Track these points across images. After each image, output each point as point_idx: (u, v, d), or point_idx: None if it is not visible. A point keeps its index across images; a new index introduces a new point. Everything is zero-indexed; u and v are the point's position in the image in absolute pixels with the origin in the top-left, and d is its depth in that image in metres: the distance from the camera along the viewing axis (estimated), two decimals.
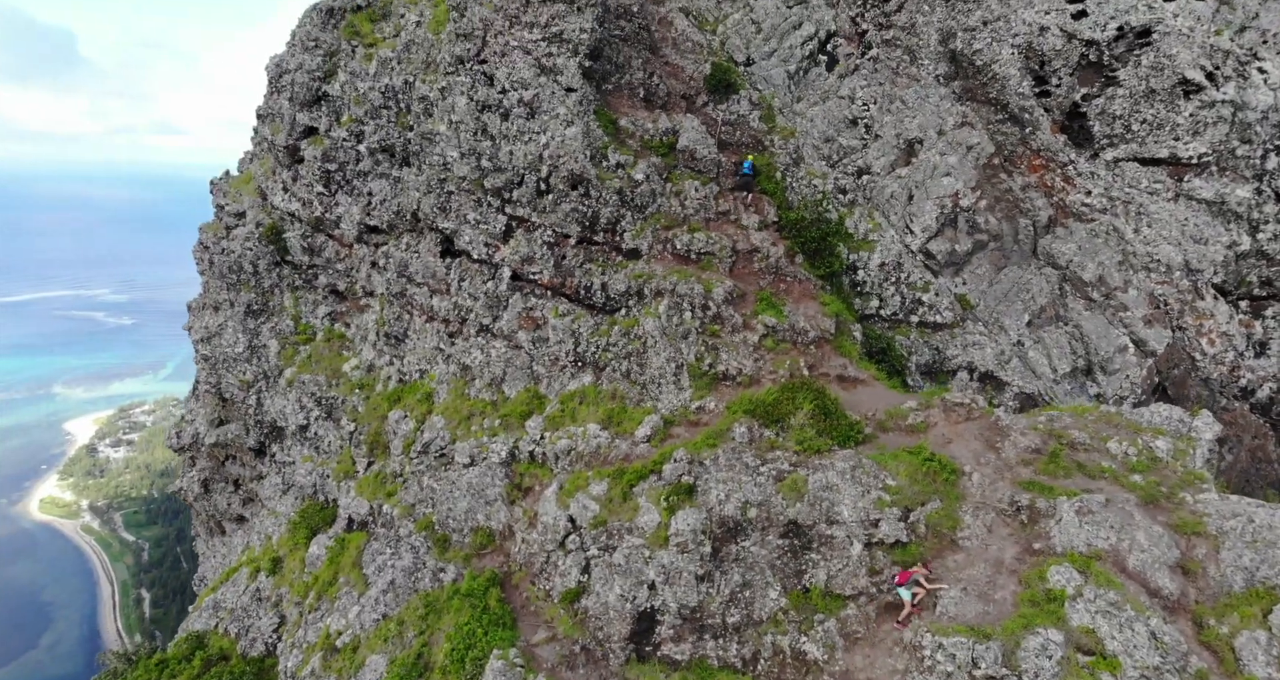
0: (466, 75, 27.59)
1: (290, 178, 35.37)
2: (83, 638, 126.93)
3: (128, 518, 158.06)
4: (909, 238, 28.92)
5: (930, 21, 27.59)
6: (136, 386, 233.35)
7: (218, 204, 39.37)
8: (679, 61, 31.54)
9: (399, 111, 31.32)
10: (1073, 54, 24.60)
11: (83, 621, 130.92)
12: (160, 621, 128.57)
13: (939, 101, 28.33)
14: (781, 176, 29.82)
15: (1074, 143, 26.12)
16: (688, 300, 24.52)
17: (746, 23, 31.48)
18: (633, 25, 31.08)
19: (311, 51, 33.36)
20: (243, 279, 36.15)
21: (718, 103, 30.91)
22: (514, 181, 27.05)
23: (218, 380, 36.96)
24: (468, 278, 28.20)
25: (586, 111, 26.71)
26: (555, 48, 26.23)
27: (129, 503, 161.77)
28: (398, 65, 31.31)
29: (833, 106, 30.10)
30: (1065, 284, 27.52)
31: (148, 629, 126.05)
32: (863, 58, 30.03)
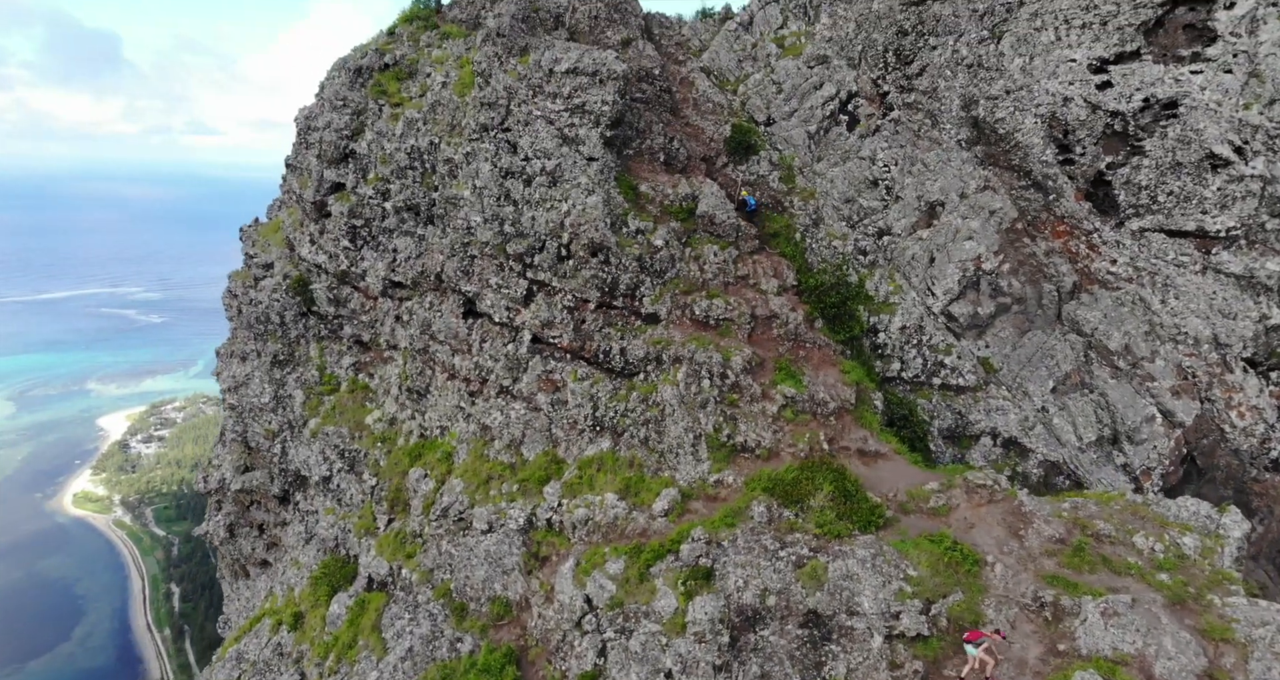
0: (490, 142, 28.02)
1: (317, 231, 36.02)
2: (113, 631, 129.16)
3: (158, 513, 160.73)
4: (930, 300, 28.75)
5: (952, 87, 27.58)
6: (168, 383, 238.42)
7: (246, 253, 40.17)
8: (700, 123, 31.78)
9: (424, 171, 31.85)
10: (1097, 124, 24.44)
11: (114, 615, 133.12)
12: (189, 616, 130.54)
13: (961, 165, 28.24)
14: (801, 238, 29.84)
15: (1099, 210, 25.87)
16: (706, 368, 24.53)
17: (767, 83, 31.68)
18: (654, 88, 31.41)
19: (339, 110, 34.08)
20: (270, 329, 36.77)
21: (737, 164, 31.07)
22: (535, 247, 27.33)
23: (244, 429, 37.52)
24: (489, 339, 28.46)
25: (607, 179, 26.97)
26: (578, 118, 26.57)
27: (159, 498, 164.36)
28: (423, 126, 31.88)
29: (853, 167, 30.11)
30: (1090, 351, 27.14)
31: (176, 623, 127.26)
32: (884, 119, 30.06)
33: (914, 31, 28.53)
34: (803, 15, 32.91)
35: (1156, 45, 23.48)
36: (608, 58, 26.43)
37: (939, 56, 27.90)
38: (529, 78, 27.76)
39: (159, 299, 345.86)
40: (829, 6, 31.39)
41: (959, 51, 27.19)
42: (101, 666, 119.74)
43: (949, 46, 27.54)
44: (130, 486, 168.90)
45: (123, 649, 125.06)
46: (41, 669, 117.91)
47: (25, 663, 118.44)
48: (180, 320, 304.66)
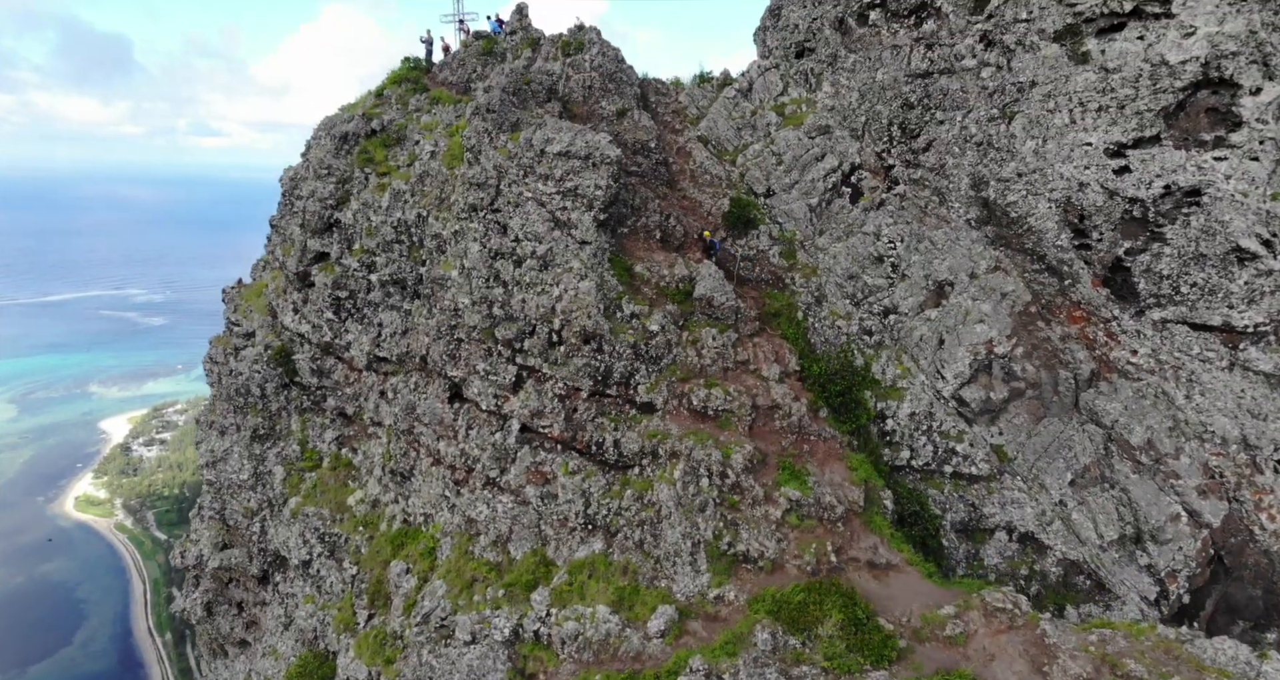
0: (479, 222, 26.85)
1: (301, 299, 34.77)
2: (115, 635, 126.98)
3: (159, 516, 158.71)
4: (940, 383, 27.38)
5: (961, 164, 26.47)
6: (169, 386, 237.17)
7: (228, 318, 38.89)
8: (697, 196, 30.68)
9: (411, 245, 30.68)
10: (1115, 210, 23.27)
11: (115, 619, 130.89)
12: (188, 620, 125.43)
13: (970, 245, 27.06)
14: (803, 317, 28.57)
15: (1117, 297, 24.62)
16: (705, 466, 23.09)
17: (767, 154, 30.61)
18: (650, 161, 30.36)
19: (324, 179, 32.99)
20: (250, 402, 35.35)
21: (736, 238, 29.89)
22: (525, 332, 26.04)
23: (222, 506, 35.95)
24: (475, 426, 27.03)
25: (601, 262, 25.76)
26: (570, 202, 25.43)
27: (161, 501, 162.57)
28: (411, 198, 30.78)
29: (857, 242, 28.93)
30: (1111, 444, 25.73)
31: (178, 628, 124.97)
32: (889, 193, 28.94)
33: (920, 105, 27.51)
34: (804, 82, 31.96)
35: (1177, 129, 22.39)
36: (600, 141, 25.33)
37: (946, 132, 26.84)
38: (519, 157, 26.65)
39: (161, 301, 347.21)
40: (831, 75, 30.42)
41: (968, 128, 26.13)
42: (103, 671, 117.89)
43: (957, 122, 26.49)
44: (132, 490, 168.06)
45: (124, 653, 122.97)
46: (43, 673, 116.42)
47: (26, 668, 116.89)
48: (182, 322, 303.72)
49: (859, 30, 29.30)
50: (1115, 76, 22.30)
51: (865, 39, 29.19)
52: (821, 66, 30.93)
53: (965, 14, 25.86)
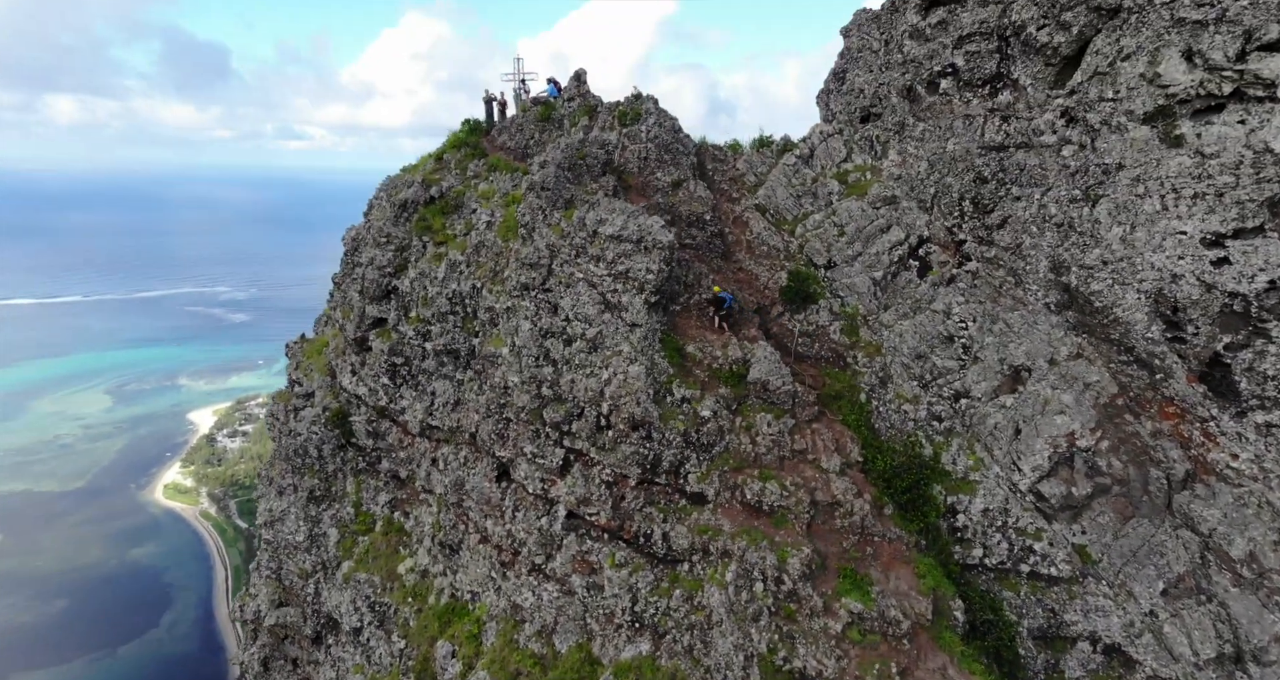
0: (530, 301, 26.47)
1: (359, 362, 35.05)
2: (198, 619, 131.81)
3: (241, 505, 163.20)
4: (1016, 476, 25.51)
5: (1039, 245, 24.78)
6: (252, 380, 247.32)
7: (290, 376, 39.57)
8: (753, 268, 29.69)
9: (465, 316, 30.56)
10: (1213, 304, 21.25)
11: (199, 603, 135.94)
12: None
13: (1049, 329, 25.24)
14: (866, 399, 27.12)
15: (1216, 395, 22.45)
16: (759, 570, 21.92)
17: (828, 225, 29.43)
18: (705, 233, 29.58)
19: (383, 247, 33.29)
20: (307, 463, 35.73)
21: (794, 312, 28.73)
22: (574, 413, 25.41)
23: (279, 565, 36.32)
24: (522, 508, 26.46)
25: (651, 345, 24.98)
26: (620, 284, 24.80)
27: (242, 491, 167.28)
28: (466, 269, 30.71)
29: (925, 320, 27.39)
30: (1208, 553, 23.39)
31: None
32: (959, 269, 27.35)
33: (994, 179, 25.95)
34: (868, 149, 30.72)
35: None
36: (653, 226, 24.66)
37: (1023, 210, 25.20)
38: (572, 236, 26.22)
39: (245, 298, 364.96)
40: (898, 143, 29.11)
41: (1047, 208, 24.45)
42: (187, 653, 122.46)
43: (1035, 200, 24.83)
44: (216, 479, 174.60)
45: (206, 637, 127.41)
46: (132, 654, 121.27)
47: (117, 647, 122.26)
48: (264, 319, 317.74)
49: (928, 98, 27.98)
50: (1213, 162, 20.43)
51: (935, 108, 27.84)
52: (888, 134, 29.66)
53: (1045, 88, 24.31)
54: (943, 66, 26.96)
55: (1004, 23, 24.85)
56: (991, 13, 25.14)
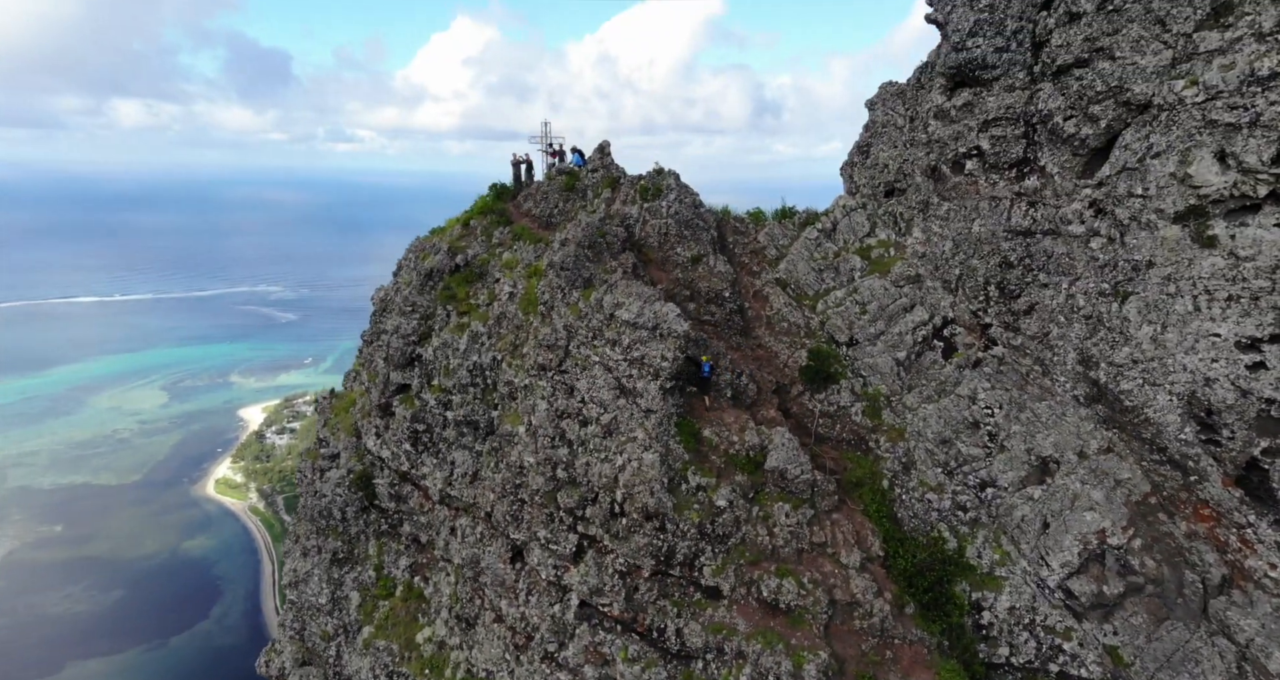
0: (547, 382, 26.40)
1: (383, 425, 35.29)
2: (246, 612, 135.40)
3: (288, 501, 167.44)
4: (1045, 572, 24.51)
5: (1067, 336, 24.00)
6: (300, 378, 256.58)
7: (319, 434, 40.03)
8: (773, 344, 29.27)
9: (485, 388, 30.63)
10: (1249, 409, 20.28)
11: (247, 597, 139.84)
12: None
13: (1079, 421, 24.35)
14: (889, 486, 26.40)
15: (1254, 499, 21.36)
16: (773, 675, 21.30)
17: (850, 302, 28.93)
18: (723, 310, 29.29)
19: (408, 316, 33.63)
20: (331, 525, 35.97)
21: (814, 392, 28.19)
22: (588, 498, 25.16)
23: (302, 626, 36.47)
24: (535, 593, 26.18)
25: (666, 431, 24.67)
26: (636, 370, 24.60)
27: (289, 487, 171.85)
28: (487, 340, 30.83)
29: (949, 405, 26.65)
30: (1245, 664, 22.11)
31: None
32: (985, 352, 26.62)
33: (1021, 265, 25.29)
34: (892, 224, 30.24)
35: None
36: (668, 314, 24.48)
37: (1050, 299, 24.47)
38: (589, 318, 26.16)
39: (295, 298, 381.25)
40: (922, 221, 28.60)
41: (1074, 299, 23.70)
42: (235, 645, 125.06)
43: (1062, 290, 24.11)
44: (264, 475, 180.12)
45: (254, 630, 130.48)
46: (183, 645, 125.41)
47: (168, 638, 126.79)
48: (313, 318, 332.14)
49: (954, 178, 27.47)
50: (1248, 265, 19.60)
51: (960, 187, 27.32)
52: (912, 211, 29.18)
53: (1072, 177, 23.68)
54: (968, 148, 26.48)
55: (1030, 110, 24.34)
56: (1018, 99, 24.65)
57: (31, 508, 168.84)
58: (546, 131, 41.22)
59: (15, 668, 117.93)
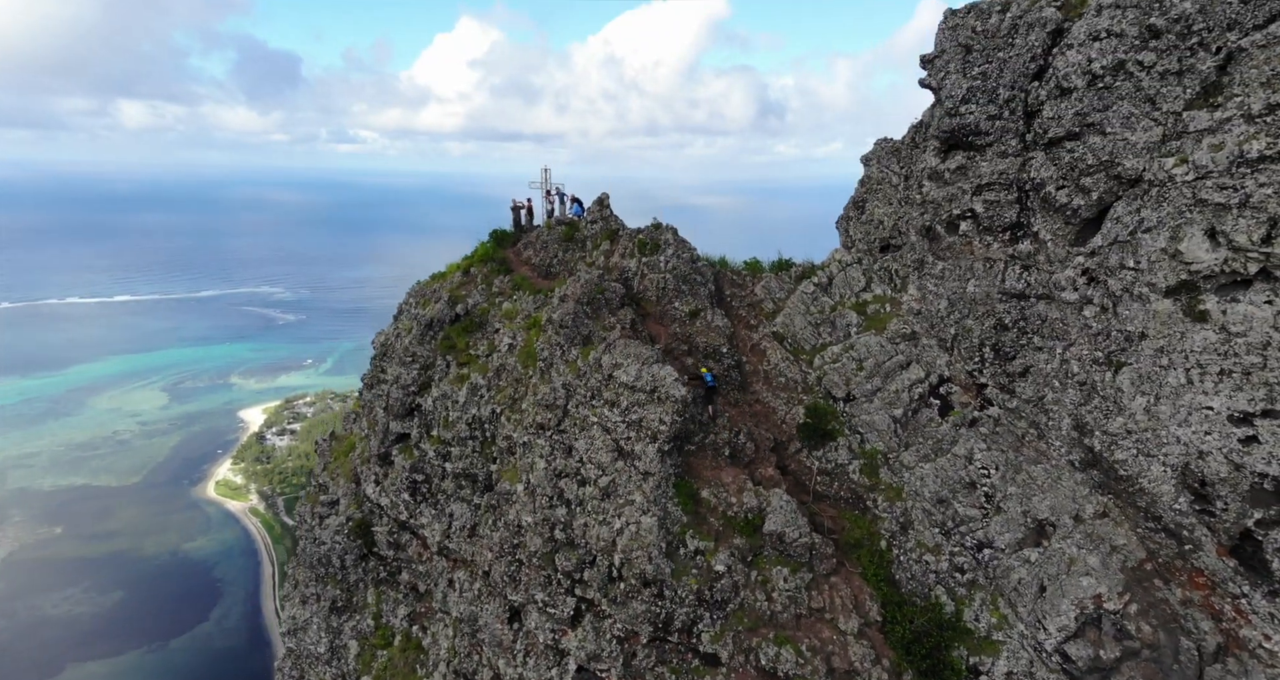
0: (546, 441, 26.47)
1: (382, 473, 35.32)
2: (246, 614, 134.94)
3: (287, 503, 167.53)
4: (1042, 635, 24.43)
5: (1061, 402, 24.10)
6: (300, 379, 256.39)
7: (316, 479, 40.03)
8: (770, 400, 29.37)
9: (483, 441, 30.68)
10: (1242, 482, 20.33)
11: (247, 598, 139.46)
12: None
13: (1074, 486, 24.39)
14: (886, 547, 26.40)
15: (1248, 569, 21.35)
16: None
17: (847, 358, 29.06)
18: (722, 365, 29.41)
19: (408, 366, 33.76)
20: (330, 573, 35.89)
21: (812, 449, 28.26)
22: (585, 561, 25.16)
23: (301, 674, 36.29)
24: (533, 655, 26.10)
25: (664, 494, 24.72)
26: (634, 433, 24.67)
27: (289, 489, 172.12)
28: (487, 392, 30.93)
29: (946, 464, 26.70)
30: None
31: None
32: (981, 411, 26.71)
33: (1015, 327, 25.44)
34: (888, 280, 30.43)
35: None
36: (666, 378, 24.61)
37: (1045, 363, 24.59)
38: (588, 377, 26.28)
39: (296, 299, 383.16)
40: (918, 278, 28.79)
41: (1069, 364, 23.82)
42: (234, 647, 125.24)
43: (1057, 355, 24.23)
44: (265, 477, 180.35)
45: (254, 632, 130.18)
46: (183, 647, 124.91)
47: (168, 640, 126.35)
48: (314, 319, 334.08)
49: (948, 238, 27.69)
50: (1239, 341, 19.73)
51: (955, 248, 27.53)
52: (907, 269, 29.38)
53: (1065, 244, 23.88)
54: (962, 210, 26.72)
55: (1023, 177, 24.60)
56: (1010, 165, 24.92)
57: (31, 509, 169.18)
58: (546, 177, 41.60)
59: (15, 670, 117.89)
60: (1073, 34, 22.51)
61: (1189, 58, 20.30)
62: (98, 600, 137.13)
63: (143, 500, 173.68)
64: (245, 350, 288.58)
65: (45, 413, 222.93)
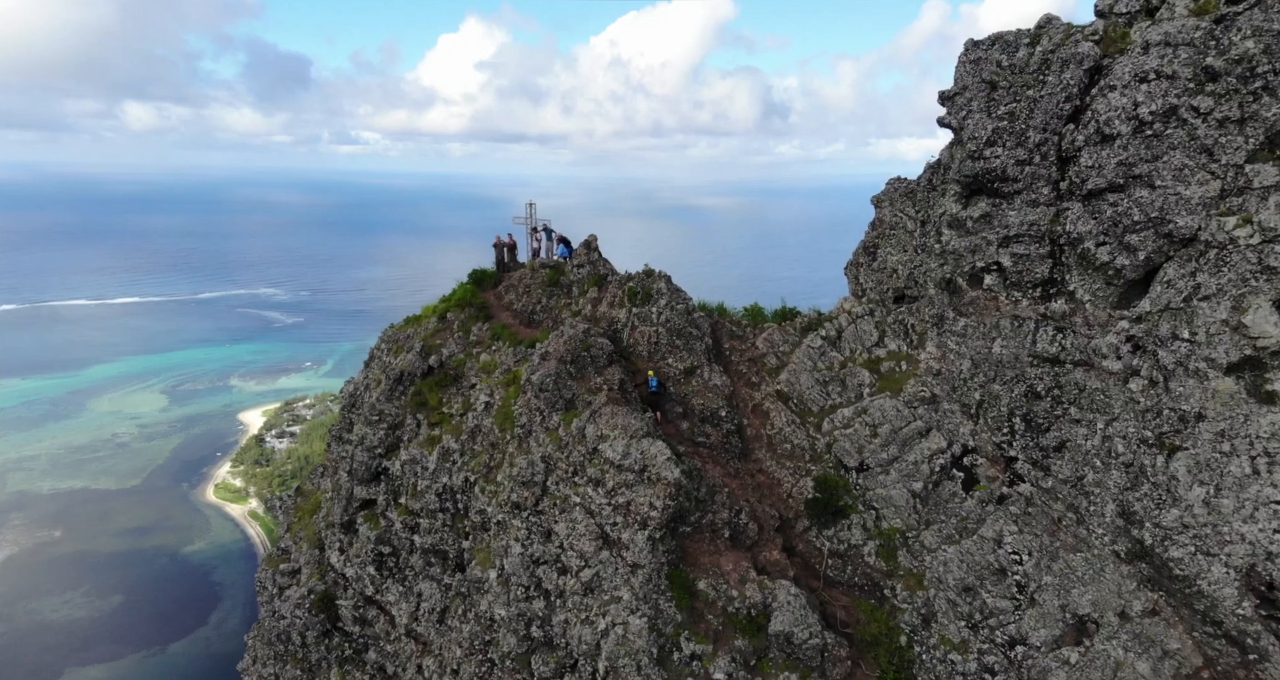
0: (522, 522, 24.15)
1: (347, 542, 32.90)
2: (245, 619, 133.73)
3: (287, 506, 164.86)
4: None
5: (1104, 484, 21.83)
6: (300, 381, 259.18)
7: (280, 545, 37.58)
8: (775, 470, 27.09)
9: (455, 514, 28.34)
10: None
11: (247, 602, 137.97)
12: None
13: (1119, 579, 22.06)
14: (907, 644, 24.01)
15: None
16: None
17: (860, 423, 26.82)
18: (720, 431, 27.18)
19: (374, 425, 31.48)
20: (290, 651, 33.37)
21: (822, 528, 25.93)
22: (566, 664, 22.74)
23: None
24: None
25: (656, 589, 22.36)
26: (621, 518, 22.36)
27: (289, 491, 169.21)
28: (460, 458, 28.65)
29: (973, 547, 24.38)
30: None
31: None
32: (1010, 488, 24.42)
33: (1049, 396, 23.22)
34: (903, 334, 28.28)
35: None
36: (658, 456, 22.34)
37: (1084, 438, 22.36)
38: (570, 450, 24.01)
39: (296, 300, 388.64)
40: (937, 335, 26.62)
41: (1111, 442, 21.58)
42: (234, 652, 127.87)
43: (1098, 430, 22.00)
44: (264, 479, 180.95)
45: None
46: (182, 651, 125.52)
47: (167, 645, 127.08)
48: (314, 321, 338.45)
49: (971, 292, 25.55)
50: None
51: (979, 303, 25.38)
52: (925, 324, 27.23)
53: (1106, 307, 21.74)
54: (986, 263, 24.60)
55: (1057, 230, 22.49)
56: (1042, 216, 22.82)
57: (30, 512, 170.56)
58: (532, 212, 39.59)
59: (14, 674, 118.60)
60: (1115, 74, 20.49)
61: (1251, 104, 18.25)
62: (97, 604, 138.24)
63: (142, 503, 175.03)
64: (245, 352, 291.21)
65: (45, 415, 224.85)
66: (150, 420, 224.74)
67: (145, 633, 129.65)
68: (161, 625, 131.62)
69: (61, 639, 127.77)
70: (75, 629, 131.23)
